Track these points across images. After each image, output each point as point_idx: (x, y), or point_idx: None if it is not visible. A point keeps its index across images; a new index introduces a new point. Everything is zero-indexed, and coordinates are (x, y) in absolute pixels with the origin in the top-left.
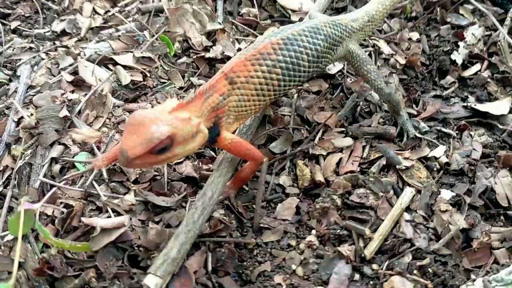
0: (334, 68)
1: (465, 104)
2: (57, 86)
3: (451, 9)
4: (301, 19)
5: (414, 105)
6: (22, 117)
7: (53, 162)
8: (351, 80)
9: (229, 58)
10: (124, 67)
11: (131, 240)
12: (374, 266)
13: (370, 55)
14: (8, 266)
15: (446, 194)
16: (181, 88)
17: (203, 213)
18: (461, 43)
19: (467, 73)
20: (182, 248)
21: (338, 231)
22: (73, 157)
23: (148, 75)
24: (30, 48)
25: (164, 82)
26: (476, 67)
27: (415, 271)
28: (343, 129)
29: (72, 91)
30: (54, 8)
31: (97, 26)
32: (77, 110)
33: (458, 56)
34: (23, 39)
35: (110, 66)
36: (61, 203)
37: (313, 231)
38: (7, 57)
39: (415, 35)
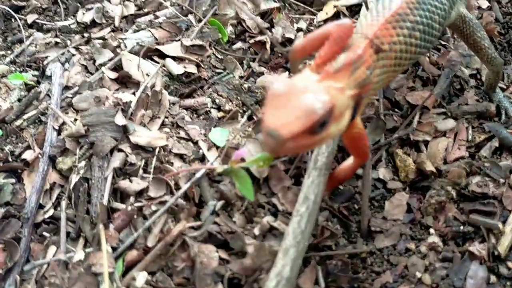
0: None
1: None
2: (98, 85)
3: None
4: None
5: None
6: (63, 123)
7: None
8: (433, 54)
9: (290, 40)
10: (173, 58)
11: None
12: (510, 264)
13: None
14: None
15: None
16: (241, 77)
17: (310, 220)
18: None
19: None
20: (294, 265)
21: (461, 227)
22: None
23: (202, 65)
24: (56, 43)
25: (220, 72)
26: None
27: None
28: (442, 109)
29: (117, 89)
30: None
31: (131, 14)
32: (129, 112)
33: None
34: (45, 33)
35: (156, 58)
36: None
37: (432, 230)
38: (30, 56)
39: (484, 3)
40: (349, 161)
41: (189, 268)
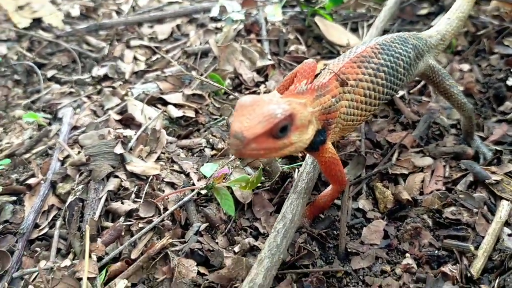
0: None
1: None
2: (104, 125)
3: (495, 42)
4: None
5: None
6: (68, 156)
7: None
8: (414, 105)
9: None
10: (175, 105)
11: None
12: (483, 287)
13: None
14: None
15: None
16: None
17: (285, 236)
18: None
19: None
20: (268, 274)
21: (436, 252)
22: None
23: (200, 111)
24: (71, 93)
25: (217, 118)
26: None
27: None
28: (420, 148)
29: (120, 129)
30: (93, 56)
31: (141, 70)
32: (129, 146)
33: None
34: (61, 85)
35: (159, 106)
36: None
37: (407, 255)
38: (45, 102)
39: (465, 67)
40: (328, 188)
41: (169, 281)
